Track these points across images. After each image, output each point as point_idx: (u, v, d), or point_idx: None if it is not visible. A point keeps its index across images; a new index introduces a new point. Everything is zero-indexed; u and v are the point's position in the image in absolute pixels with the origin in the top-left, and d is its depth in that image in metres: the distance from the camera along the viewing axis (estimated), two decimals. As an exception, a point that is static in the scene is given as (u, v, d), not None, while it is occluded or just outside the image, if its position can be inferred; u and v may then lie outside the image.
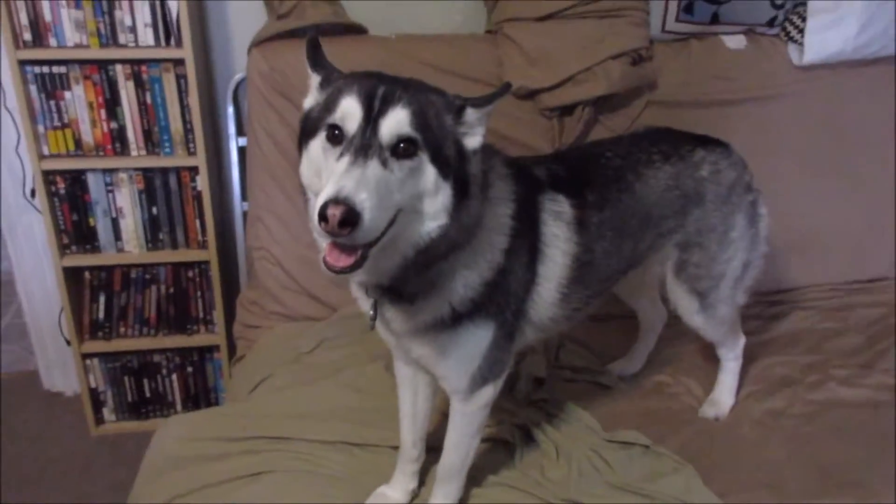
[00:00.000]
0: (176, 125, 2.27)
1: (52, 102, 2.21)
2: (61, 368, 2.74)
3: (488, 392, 1.39)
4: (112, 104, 2.23)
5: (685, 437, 1.74)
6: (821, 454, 1.67)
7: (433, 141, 1.10)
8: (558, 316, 1.45)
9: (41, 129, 2.23)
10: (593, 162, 1.54)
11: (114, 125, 2.25)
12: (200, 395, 2.62)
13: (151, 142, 2.29)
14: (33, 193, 2.37)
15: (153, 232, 2.40)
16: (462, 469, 1.44)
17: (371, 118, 1.07)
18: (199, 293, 2.49)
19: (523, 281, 1.35)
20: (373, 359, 1.87)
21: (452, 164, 1.13)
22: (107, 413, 2.59)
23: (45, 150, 2.25)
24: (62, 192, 2.30)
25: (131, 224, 2.37)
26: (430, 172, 1.10)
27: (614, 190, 1.50)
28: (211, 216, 2.37)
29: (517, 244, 1.30)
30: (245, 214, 2.39)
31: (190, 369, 2.57)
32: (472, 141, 1.17)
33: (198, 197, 2.36)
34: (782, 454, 1.68)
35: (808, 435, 1.74)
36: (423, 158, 1.09)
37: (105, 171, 2.30)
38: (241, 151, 2.40)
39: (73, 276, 2.41)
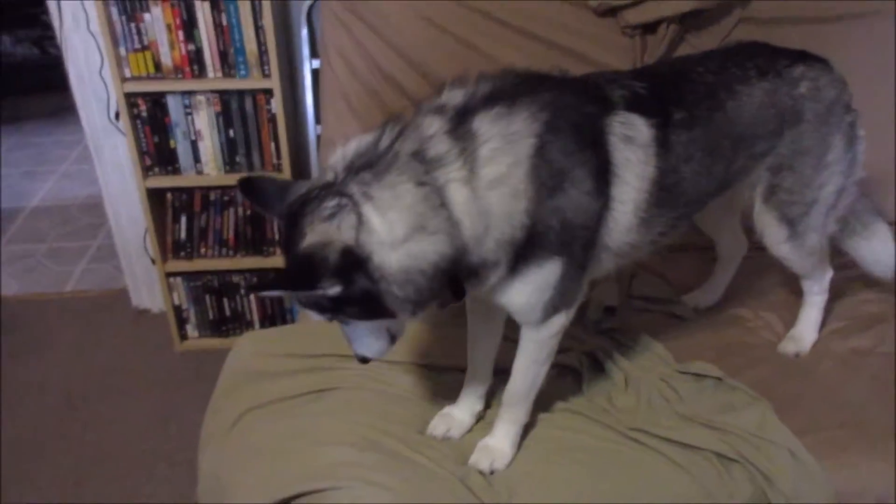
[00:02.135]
0: (251, 47, 2.27)
1: (133, 25, 2.23)
2: (148, 286, 2.87)
3: (560, 320, 1.36)
4: (189, 26, 2.24)
5: (762, 373, 1.68)
6: (909, 395, 1.58)
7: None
8: (639, 241, 1.40)
9: (122, 51, 2.27)
10: (682, 78, 1.45)
11: (191, 47, 2.27)
12: (277, 315, 2.70)
13: (227, 64, 2.30)
14: (118, 116, 2.44)
15: (230, 154, 2.43)
16: (529, 394, 1.43)
17: None
18: (274, 216, 2.53)
19: (590, 211, 1.28)
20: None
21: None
22: (190, 330, 2.70)
23: (127, 73, 2.30)
24: (144, 114, 2.35)
25: (209, 146, 2.41)
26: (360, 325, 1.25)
27: (705, 108, 1.42)
28: (286, 139, 2.38)
29: (575, 175, 1.23)
30: (319, 138, 2.40)
31: (267, 290, 2.64)
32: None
33: (273, 120, 2.37)
34: (865, 394, 1.61)
35: (896, 375, 1.65)
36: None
37: (184, 94, 2.33)
38: (315, 74, 2.38)
39: (156, 198, 2.49)
